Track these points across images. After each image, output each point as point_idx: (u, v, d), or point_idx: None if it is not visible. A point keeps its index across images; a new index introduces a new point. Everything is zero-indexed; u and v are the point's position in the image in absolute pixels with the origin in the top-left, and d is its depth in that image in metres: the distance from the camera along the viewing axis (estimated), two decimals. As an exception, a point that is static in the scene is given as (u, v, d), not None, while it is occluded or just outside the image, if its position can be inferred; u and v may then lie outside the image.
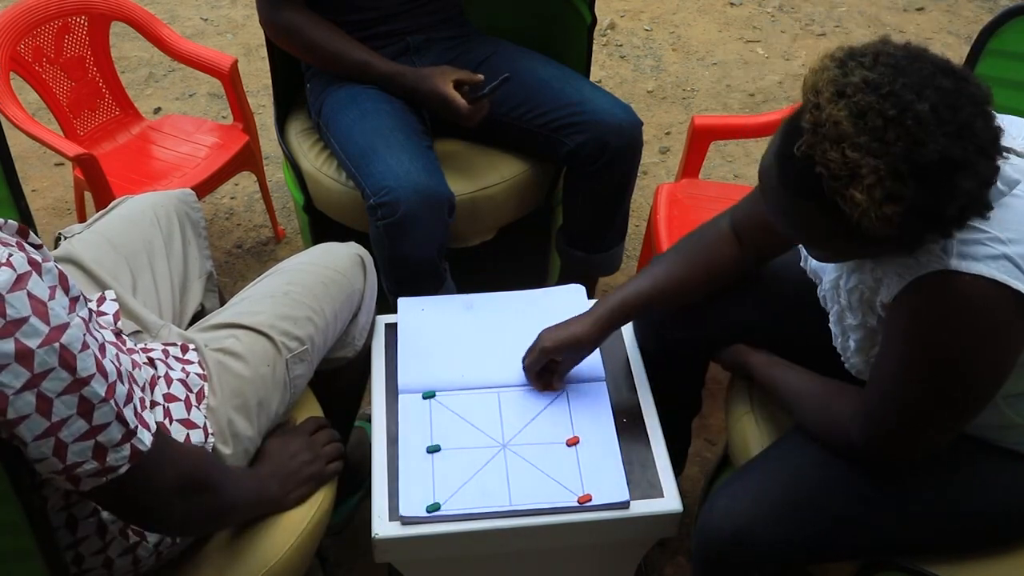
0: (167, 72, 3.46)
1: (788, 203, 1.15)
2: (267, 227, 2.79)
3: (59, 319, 0.97)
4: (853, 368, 1.36)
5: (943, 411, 1.22)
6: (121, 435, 1.05)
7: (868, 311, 1.27)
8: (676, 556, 1.94)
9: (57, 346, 0.97)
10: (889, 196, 1.03)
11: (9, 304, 0.93)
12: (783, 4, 3.89)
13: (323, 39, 1.99)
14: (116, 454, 1.05)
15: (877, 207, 1.03)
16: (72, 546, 1.22)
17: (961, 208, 1.06)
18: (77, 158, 2.16)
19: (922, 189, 1.03)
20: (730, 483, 1.37)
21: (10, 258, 0.96)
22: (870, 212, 1.04)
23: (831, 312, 1.36)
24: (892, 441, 1.26)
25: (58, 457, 1.02)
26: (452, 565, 1.53)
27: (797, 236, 1.23)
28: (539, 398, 1.60)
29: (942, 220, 1.06)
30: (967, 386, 1.18)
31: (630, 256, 2.63)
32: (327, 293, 1.56)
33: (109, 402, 1.03)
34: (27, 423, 0.98)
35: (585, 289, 1.82)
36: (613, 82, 3.45)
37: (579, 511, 1.43)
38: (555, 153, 2.04)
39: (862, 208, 1.04)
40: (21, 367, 0.95)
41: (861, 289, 1.26)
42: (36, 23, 2.35)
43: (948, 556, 1.36)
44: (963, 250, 1.12)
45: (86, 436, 1.02)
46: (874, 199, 1.03)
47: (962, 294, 1.11)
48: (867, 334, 1.29)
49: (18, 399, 0.96)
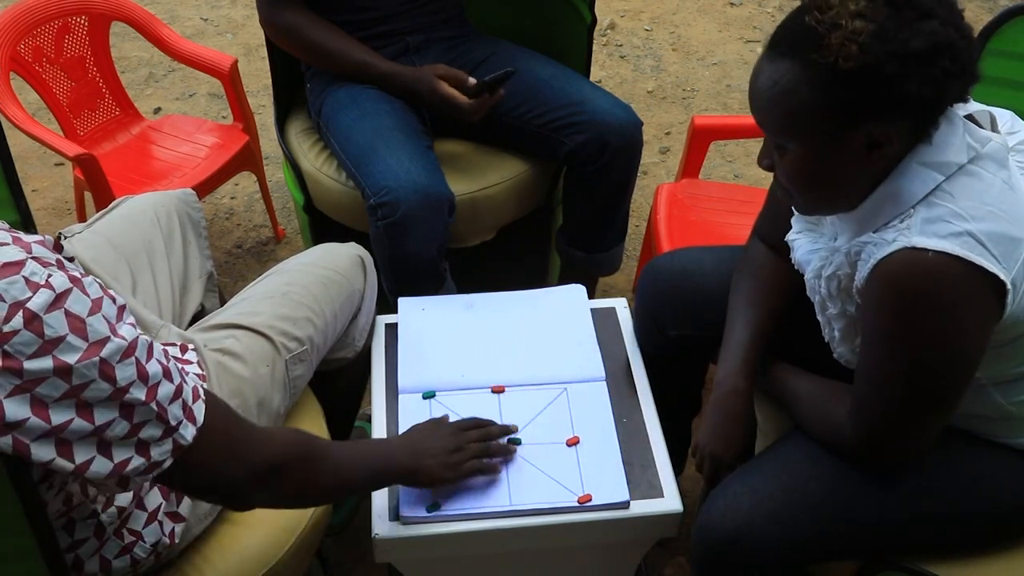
0: (167, 72, 3.46)
1: (771, 83, 1.17)
2: (267, 227, 2.79)
3: (98, 334, 0.99)
4: (841, 358, 1.37)
5: (922, 393, 1.23)
6: (162, 432, 1.06)
7: (847, 298, 1.29)
8: (676, 556, 1.94)
9: (97, 360, 0.98)
10: (860, 14, 1.11)
11: (47, 324, 0.95)
12: (783, 4, 3.89)
13: (323, 39, 1.99)
14: (159, 448, 1.06)
15: (849, 17, 1.10)
16: (71, 548, 1.22)
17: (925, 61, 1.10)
18: (77, 158, 2.16)
19: (895, 15, 1.10)
20: (730, 483, 1.37)
21: (49, 279, 0.97)
22: (842, 18, 1.10)
23: (815, 303, 1.37)
24: (882, 433, 1.27)
25: (105, 456, 1.02)
26: (452, 565, 1.53)
27: (781, 132, 1.21)
28: (539, 398, 1.60)
29: (906, 59, 1.10)
30: (940, 364, 1.20)
31: (630, 256, 2.63)
32: (327, 293, 1.56)
33: (150, 404, 1.04)
34: (71, 428, 0.99)
35: (585, 289, 1.82)
36: (613, 82, 3.45)
37: (579, 511, 1.43)
38: (555, 153, 2.04)
39: (836, 10, 1.11)
40: (60, 380, 0.96)
41: (839, 276, 1.28)
42: (36, 23, 2.35)
43: (948, 556, 1.36)
44: (927, 228, 1.15)
45: (130, 435, 1.03)
46: (847, 7, 1.11)
47: (925, 270, 1.14)
48: (849, 322, 1.31)
49: (58, 406, 0.97)
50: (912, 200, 1.18)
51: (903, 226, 1.17)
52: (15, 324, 0.93)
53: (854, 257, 1.24)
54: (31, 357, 0.94)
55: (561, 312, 1.76)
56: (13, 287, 0.94)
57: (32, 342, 0.94)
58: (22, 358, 0.94)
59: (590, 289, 2.05)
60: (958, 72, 1.13)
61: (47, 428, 0.97)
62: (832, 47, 1.11)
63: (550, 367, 1.65)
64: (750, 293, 1.50)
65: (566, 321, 1.74)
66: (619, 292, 2.54)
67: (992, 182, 1.17)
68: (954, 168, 1.17)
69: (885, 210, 1.20)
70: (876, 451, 1.29)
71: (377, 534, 1.41)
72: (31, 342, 0.94)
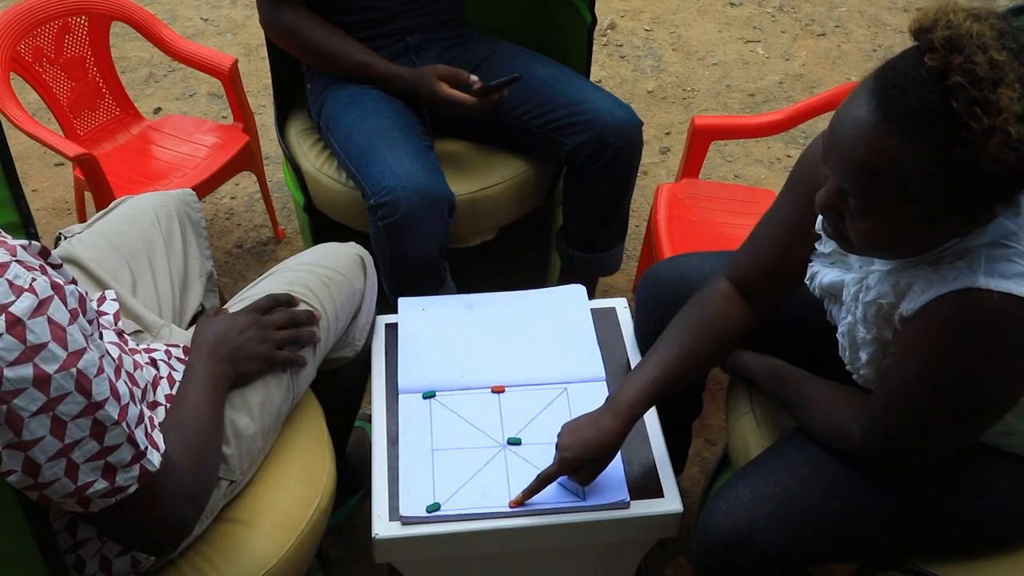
0: (167, 72, 3.46)
1: (878, 151, 1.05)
2: (267, 227, 2.79)
3: (77, 344, 0.99)
4: (862, 379, 1.34)
5: (952, 425, 1.22)
6: (131, 456, 1.06)
7: (884, 324, 1.25)
8: (676, 556, 1.94)
9: (74, 371, 0.98)
10: (1022, 118, 0.99)
11: (29, 330, 0.95)
12: (783, 4, 3.89)
13: (323, 40, 1.99)
14: (125, 474, 1.06)
15: (1015, 122, 0.99)
16: (72, 549, 1.22)
17: None
18: (77, 158, 2.16)
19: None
20: (730, 484, 1.37)
21: (33, 283, 0.97)
22: (1009, 124, 0.98)
23: (841, 323, 1.34)
24: (895, 448, 1.27)
25: (70, 478, 1.02)
26: (452, 565, 1.53)
27: (871, 199, 1.10)
28: (539, 398, 1.60)
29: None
30: (982, 404, 1.18)
31: (630, 256, 2.63)
32: (327, 293, 1.56)
33: (121, 424, 1.04)
34: (41, 445, 0.99)
35: (585, 289, 1.82)
36: (613, 82, 3.45)
37: (579, 511, 1.43)
38: (555, 153, 2.04)
39: (1004, 115, 0.98)
40: (38, 391, 0.96)
41: (880, 303, 1.23)
42: (36, 23, 2.35)
43: (948, 557, 1.36)
44: (991, 267, 1.11)
45: (97, 457, 1.03)
46: (1013, 111, 0.98)
47: (990, 312, 1.10)
48: (880, 347, 1.28)
49: (33, 421, 0.97)
50: (980, 243, 1.13)
51: (963, 264, 1.12)
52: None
53: (903, 288, 1.19)
54: (12, 364, 0.94)
55: (561, 312, 1.76)
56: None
57: (14, 347, 0.94)
58: (3, 364, 0.94)
59: (590, 289, 2.05)
60: None
61: (16, 441, 0.97)
62: (986, 151, 1.00)
63: (550, 367, 1.65)
64: (684, 330, 1.43)
65: (566, 321, 1.74)
66: (619, 292, 2.54)
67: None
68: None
69: (949, 251, 1.16)
70: (880, 460, 1.30)
71: (377, 534, 1.41)
72: (13, 347, 0.94)
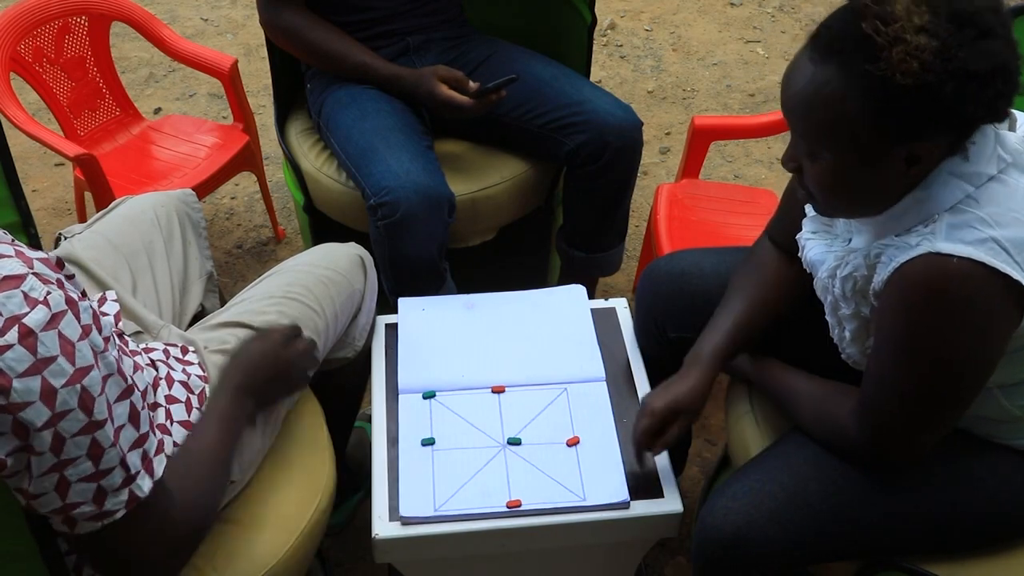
0: (167, 72, 3.46)
1: (813, 88, 1.14)
2: (267, 227, 2.79)
3: (85, 360, 0.99)
4: (850, 359, 1.37)
5: (937, 396, 1.22)
6: (122, 480, 1.06)
7: (862, 300, 1.28)
8: (676, 556, 1.94)
9: (79, 387, 0.98)
10: (924, 29, 1.06)
11: (41, 343, 0.95)
12: (783, 4, 3.89)
13: (323, 40, 1.99)
14: (115, 499, 1.06)
15: (913, 32, 1.06)
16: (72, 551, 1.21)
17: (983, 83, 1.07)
18: (77, 158, 2.16)
19: (957, 33, 1.06)
20: (730, 484, 1.37)
21: (48, 296, 0.97)
22: (907, 32, 1.05)
23: (826, 303, 1.37)
24: (890, 433, 1.27)
25: (59, 494, 1.03)
26: (452, 565, 1.53)
27: (817, 140, 1.18)
28: (539, 398, 1.60)
29: (966, 80, 1.07)
30: (958, 368, 1.19)
31: (630, 256, 2.63)
32: (327, 293, 1.56)
33: (116, 447, 1.04)
34: (38, 460, 0.99)
35: (585, 289, 1.82)
36: (613, 82, 3.45)
37: (579, 511, 1.43)
38: (555, 153, 2.04)
39: (901, 23, 1.06)
40: (44, 406, 0.96)
41: (855, 278, 1.27)
42: (36, 23, 2.35)
43: (948, 556, 1.36)
44: (952, 233, 1.14)
45: (90, 479, 1.03)
46: (911, 21, 1.06)
47: (949, 276, 1.13)
48: (861, 324, 1.31)
49: (36, 437, 0.98)
50: (939, 208, 1.17)
51: (927, 231, 1.16)
52: (9, 338, 0.94)
53: (873, 260, 1.23)
54: (21, 376, 0.94)
55: (561, 312, 1.76)
56: (11, 301, 0.94)
57: (24, 359, 0.94)
58: (12, 375, 0.94)
59: (590, 289, 2.05)
60: (1010, 92, 1.11)
61: (22, 445, 0.98)
62: (892, 61, 1.06)
63: (550, 367, 1.65)
64: (745, 285, 1.50)
65: (566, 321, 1.74)
66: (619, 292, 2.54)
67: (1017, 187, 1.16)
68: (984, 179, 1.16)
69: (910, 216, 1.19)
70: (881, 450, 1.29)
71: (377, 534, 1.41)
72: (23, 358, 0.94)
